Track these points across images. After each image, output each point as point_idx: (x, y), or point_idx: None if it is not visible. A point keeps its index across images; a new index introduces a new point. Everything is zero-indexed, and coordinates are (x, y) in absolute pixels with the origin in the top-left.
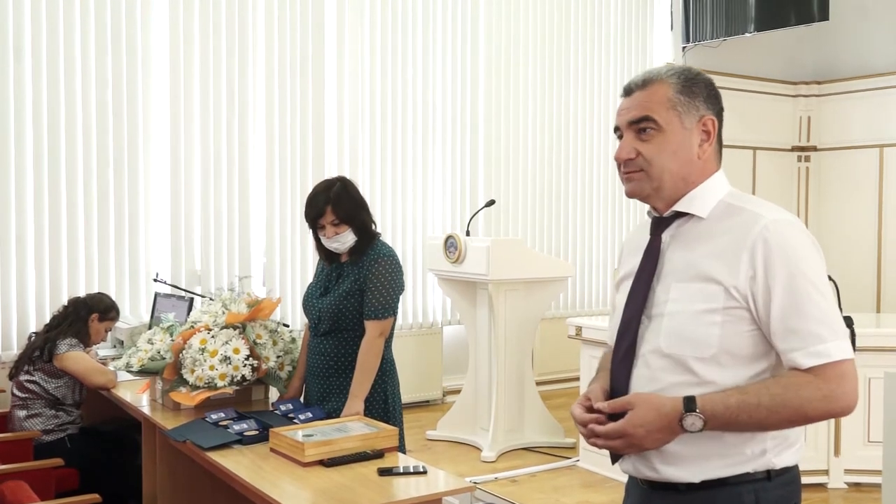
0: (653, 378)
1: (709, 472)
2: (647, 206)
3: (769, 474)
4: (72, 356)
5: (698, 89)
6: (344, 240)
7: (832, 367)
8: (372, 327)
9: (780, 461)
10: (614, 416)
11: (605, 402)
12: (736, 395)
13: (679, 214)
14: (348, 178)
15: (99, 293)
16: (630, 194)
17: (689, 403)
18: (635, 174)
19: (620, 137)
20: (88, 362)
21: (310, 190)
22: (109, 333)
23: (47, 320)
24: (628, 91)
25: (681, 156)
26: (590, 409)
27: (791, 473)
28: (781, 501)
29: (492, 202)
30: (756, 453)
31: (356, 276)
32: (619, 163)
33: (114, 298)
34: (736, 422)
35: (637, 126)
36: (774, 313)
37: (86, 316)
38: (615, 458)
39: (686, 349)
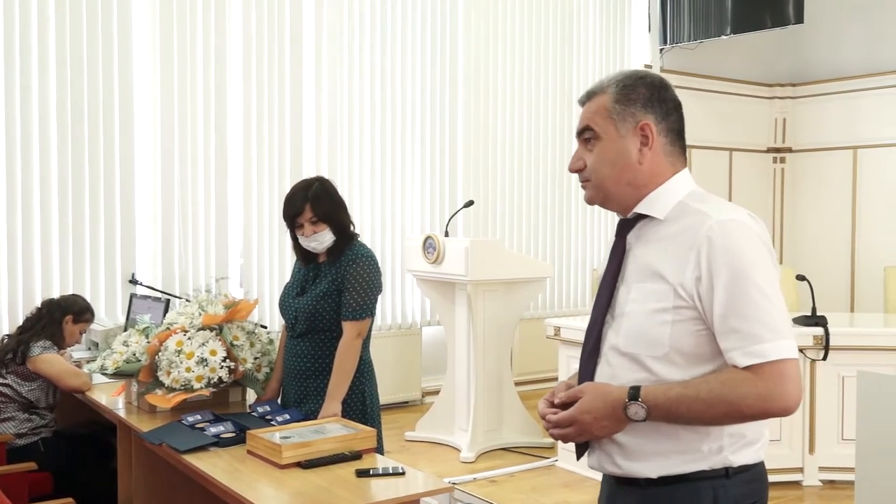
0: (614, 376)
1: (666, 468)
2: None
3: (727, 472)
4: (45, 358)
5: (636, 95)
6: (322, 239)
7: (770, 366)
8: (349, 328)
9: (737, 459)
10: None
11: (558, 395)
12: (677, 387)
13: (641, 216)
14: (327, 178)
15: (73, 294)
16: (587, 202)
17: (633, 392)
18: (586, 184)
19: None
20: (62, 365)
21: (287, 191)
22: (84, 335)
23: (20, 322)
24: (581, 103)
25: (619, 163)
26: (553, 405)
27: (752, 472)
28: (742, 499)
29: (470, 203)
30: (712, 450)
31: (333, 276)
32: (572, 173)
33: (89, 300)
34: (676, 413)
35: (582, 137)
36: (716, 313)
37: (59, 318)
38: (580, 453)
39: (641, 348)
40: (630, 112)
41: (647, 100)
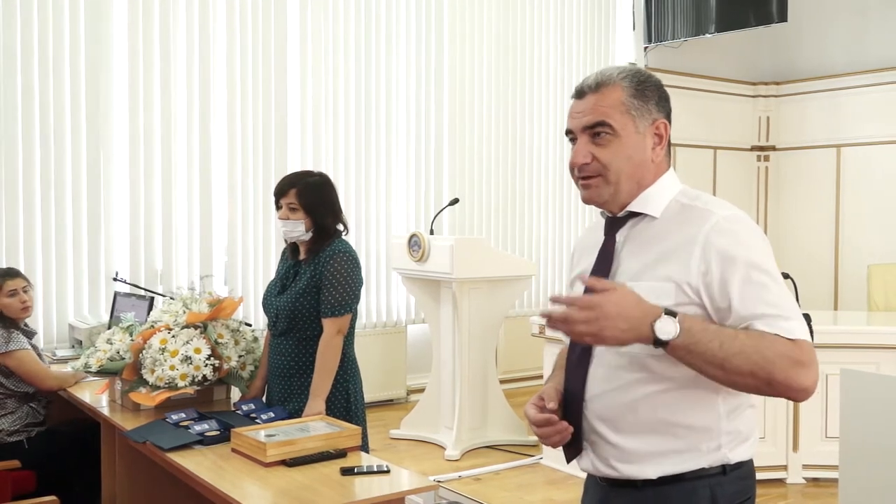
0: (609, 376)
1: (665, 469)
2: None
3: (724, 469)
4: (15, 356)
5: (650, 92)
6: (293, 227)
7: (802, 343)
8: (329, 325)
9: (734, 456)
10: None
11: (590, 281)
12: (716, 324)
13: (632, 214)
14: (331, 178)
15: None
16: (587, 201)
17: (670, 311)
18: (592, 180)
19: (573, 140)
20: (34, 366)
21: (272, 188)
22: (23, 295)
23: None
24: (580, 93)
25: (635, 160)
26: (543, 410)
27: (746, 468)
28: (737, 496)
29: (455, 201)
30: (711, 448)
31: (311, 273)
32: (574, 168)
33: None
34: (706, 348)
35: (592, 131)
36: (735, 305)
37: None
38: (570, 456)
39: (641, 346)
40: (647, 109)
41: (658, 98)
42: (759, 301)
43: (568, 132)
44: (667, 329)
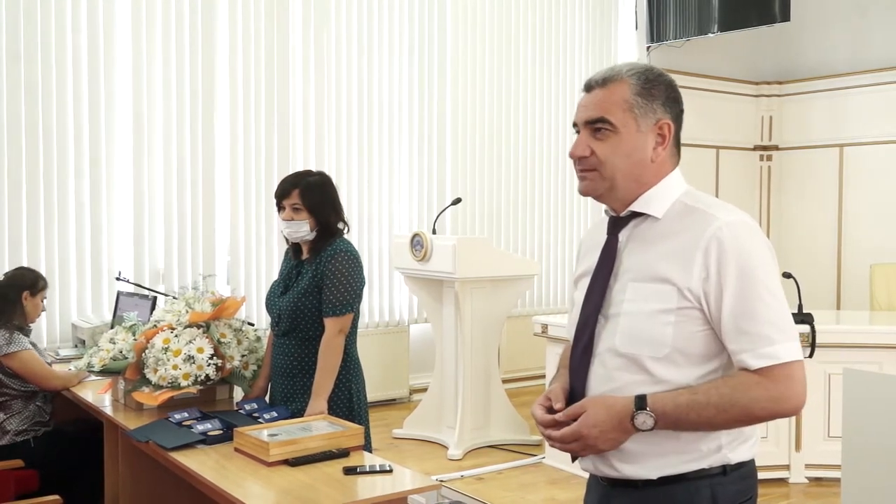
0: (609, 377)
1: (666, 469)
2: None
3: (725, 469)
4: (20, 358)
5: (657, 91)
6: (297, 228)
7: (780, 368)
8: (331, 324)
9: (735, 456)
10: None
11: (561, 412)
12: (686, 394)
13: (635, 214)
14: (331, 177)
15: (18, 269)
16: (583, 192)
17: (640, 402)
18: (589, 173)
19: (578, 133)
20: (38, 367)
21: (274, 188)
22: (41, 313)
23: None
24: (588, 87)
25: (634, 158)
26: (550, 410)
27: (747, 468)
28: (738, 496)
29: (458, 200)
30: (712, 449)
31: (313, 273)
32: (574, 159)
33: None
34: (686, 420)
35: (593, 126)
36: (725, 314)
37: (16, 297)
38: (575, 455)
39: (641, 349)
40: (652, 108)
41: (666, 98)
42: (747, 315)
43: (574, 124)
44: (645, 422)
